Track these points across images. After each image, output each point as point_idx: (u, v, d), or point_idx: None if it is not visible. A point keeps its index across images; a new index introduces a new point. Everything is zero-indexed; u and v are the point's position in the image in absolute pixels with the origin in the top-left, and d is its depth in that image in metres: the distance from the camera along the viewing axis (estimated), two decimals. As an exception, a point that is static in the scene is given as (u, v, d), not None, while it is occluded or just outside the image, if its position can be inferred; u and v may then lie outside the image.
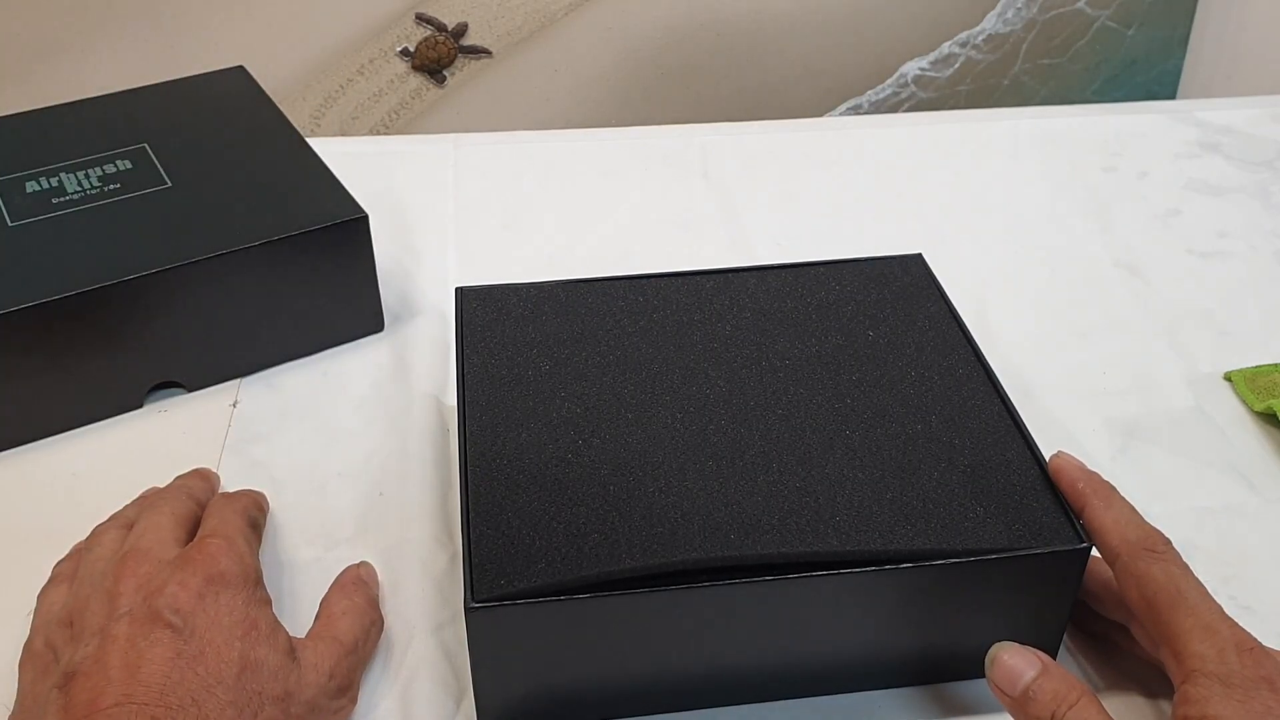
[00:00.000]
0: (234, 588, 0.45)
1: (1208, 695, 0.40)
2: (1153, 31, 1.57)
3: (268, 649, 0.44)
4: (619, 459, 0.49)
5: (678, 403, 0.52)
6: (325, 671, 0.45)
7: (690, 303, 0.58)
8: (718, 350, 0.55)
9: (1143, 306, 0.71)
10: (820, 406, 0.52)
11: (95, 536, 0.51)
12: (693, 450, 0.49)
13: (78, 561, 0.50)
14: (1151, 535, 0.46)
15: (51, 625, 0.46)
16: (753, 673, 0.47)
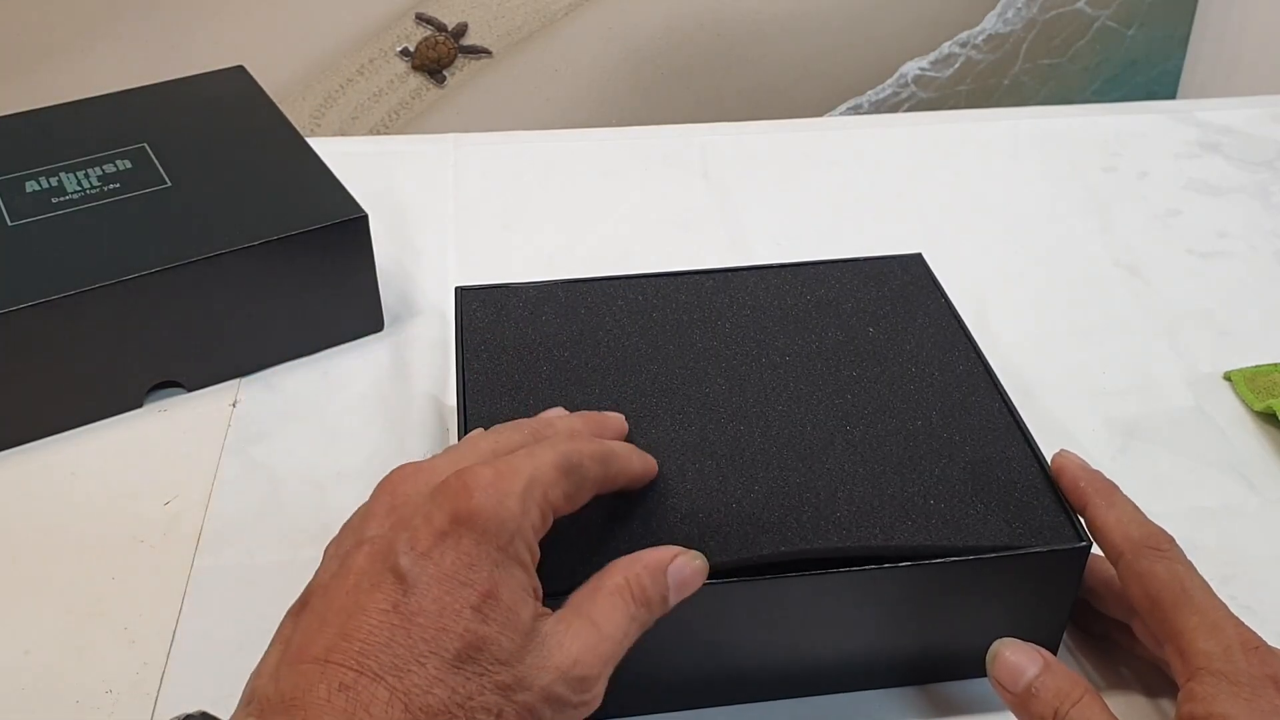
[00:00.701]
0: (483, 536, 0.36)
1: (1213, 693, 0.40)
2: (1153, 31, 1.57)
3: (501, 626, 0.36)
4: (619, 458, 0.49)
5: (677, 402, 0.52)
6: (570, 656, 0.37)
7: (690, 302, 0.58)
8: (717, 349, 0.55)
9: (1143, 306, 0.71)
10: (820, 405, 0.52)
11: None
12: (692, 449, 0.49)
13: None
14: (1155, 534, 0.46)
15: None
16: (753, 672, 0.47)
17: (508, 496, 0.37)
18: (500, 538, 0.36)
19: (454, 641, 0.35)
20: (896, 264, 0.61)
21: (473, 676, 0.35)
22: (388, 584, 0.35)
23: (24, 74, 1.41)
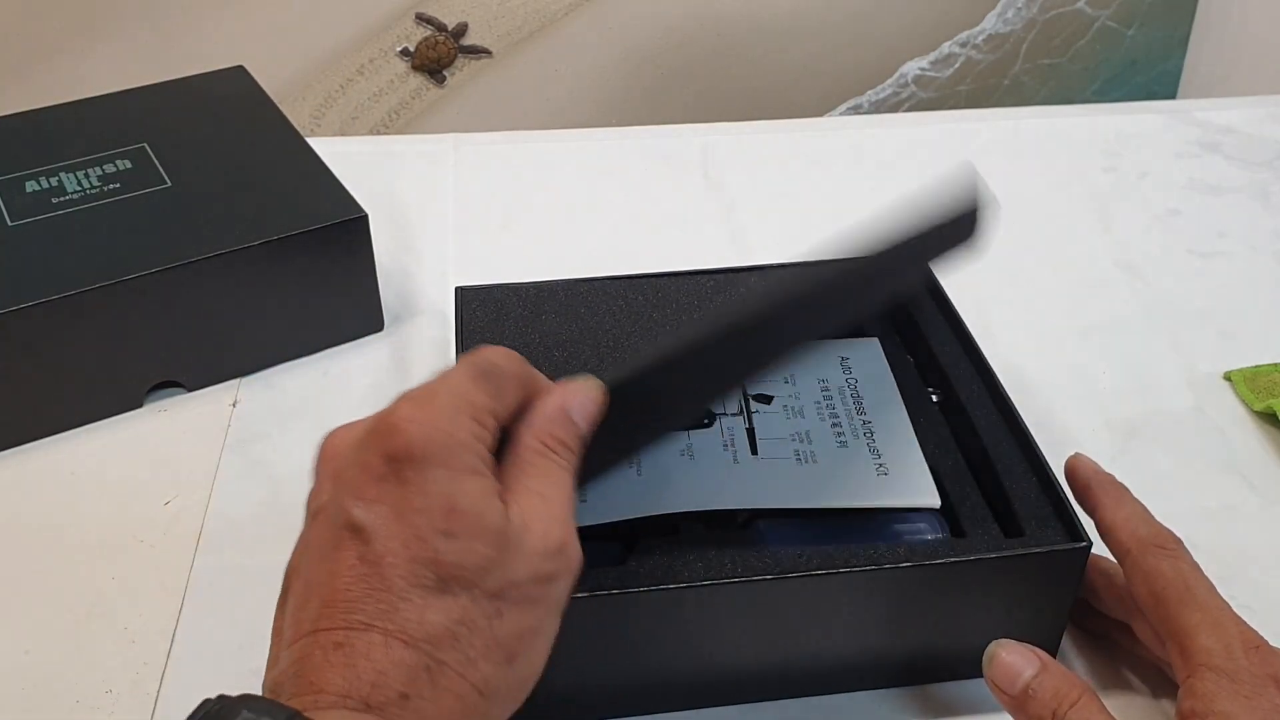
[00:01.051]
0: (422, 462, 0.35)
1: (1214, 691, 0.40)
2: (1153, 31, 1.57)
3: (470, 538, 0.35)
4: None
5: None
6: (539, 534, 0.37)
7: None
8: None
9: (1143, 306, 0.71)
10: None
11: None
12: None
13: None
14: (1162, 533, 0.46)
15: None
16: (752, 672, 0.47)
17: (431, 417, 0.36)
18: (440, 457, 0.36)
19: (430, 569, 0.34)
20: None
21: (461, 593, 0.34)
22: (347, 541, 0.35)
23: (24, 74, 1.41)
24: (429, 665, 0.33)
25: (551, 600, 0.37)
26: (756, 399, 0.52)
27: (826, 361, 0.54)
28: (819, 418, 0.51)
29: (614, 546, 0.47)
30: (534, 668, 0.37)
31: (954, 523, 0.48)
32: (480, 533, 0.35)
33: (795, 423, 0.50)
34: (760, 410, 0.51)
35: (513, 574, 0.35)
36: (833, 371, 0.53)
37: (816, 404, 0.51)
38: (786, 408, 0.51)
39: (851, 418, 0.51)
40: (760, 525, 0.48)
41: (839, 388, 0.52)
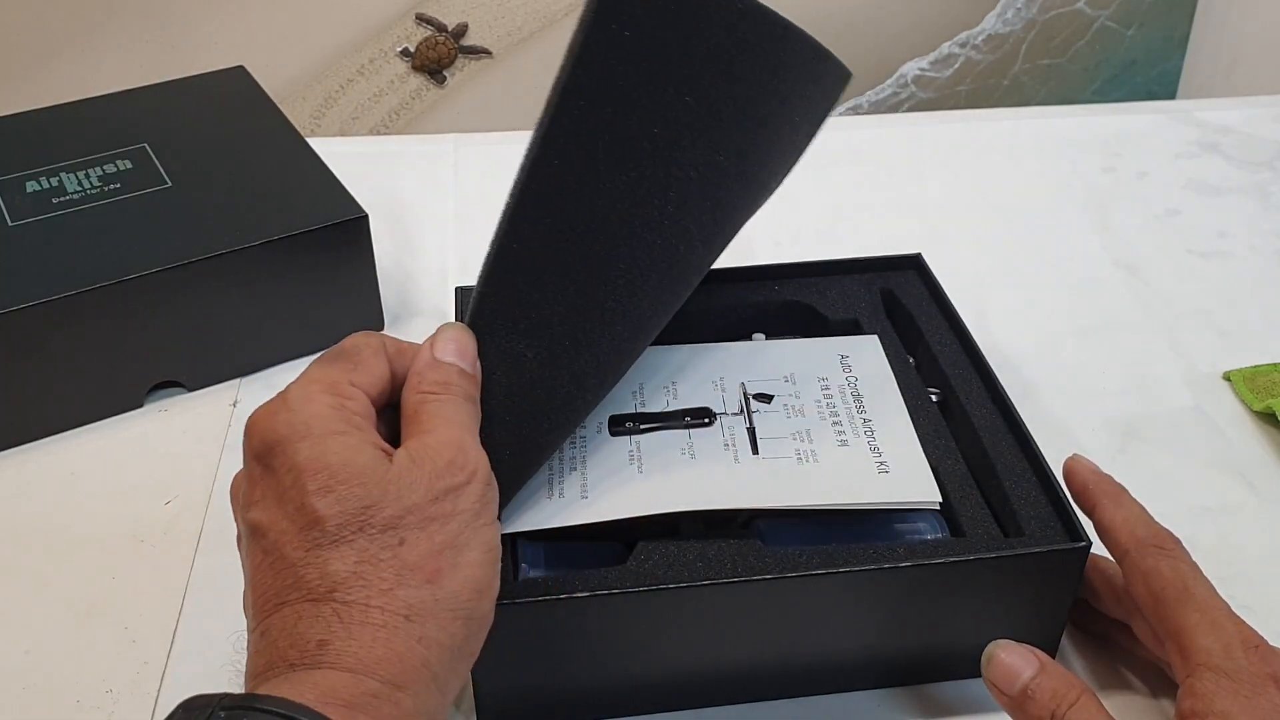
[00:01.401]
0: (283, 446, 0.37)
1: (1214, 690, 0.40)
2: (1152, 32, 1.57)
3: (346, 487, 0.36)
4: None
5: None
6: (428, 456, 0.38)
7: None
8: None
9: (1143, 306, 0.71)
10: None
11: None
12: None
13: None
14: (1161, 534, 0.46)
15: None
16: (752, 671, 0.47)
17: (280, 407, 0.39)
18: (299, 433, 0.37)
19: (318, 528, 0.36)
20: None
21: (355, 536, 0.36)
22: (253, 544, 0.37)
23: (24, 74, 1.41)
24: (336, 609, 0.35)
25: (461, 512, 0.38)
26: (757, 398, 0.52)
27: (826, 360, 0.54)
28: (819, 416, 0.51)
29: (614, 546, 0.47)
30: (470, 580, 0.37)
31: (953, 522, 0.48)
32: (354, 477, 0.36)
33: (795, 421, 0.50)
34: (760, 410, 0.51)
35: (405, 502, 0.37)
36: (833, 370, 0.53)
37: (817, 403, 0.51)
38: (787, 406, 0.51)
39: (852, 416, 0.51)
40: (760, 525, 0.48)
41: (839, 386, 0.52)
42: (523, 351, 0.44)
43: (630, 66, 0.42)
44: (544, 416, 0.44)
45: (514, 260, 0.44)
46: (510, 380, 0.44)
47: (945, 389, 0.54)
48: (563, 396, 0.45)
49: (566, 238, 0.44)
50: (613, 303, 0.45)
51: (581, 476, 0.48)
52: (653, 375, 0.53)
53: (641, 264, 0.45)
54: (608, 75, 0.42)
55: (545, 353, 0.44)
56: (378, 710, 0.33)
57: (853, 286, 0.60)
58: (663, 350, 0.55)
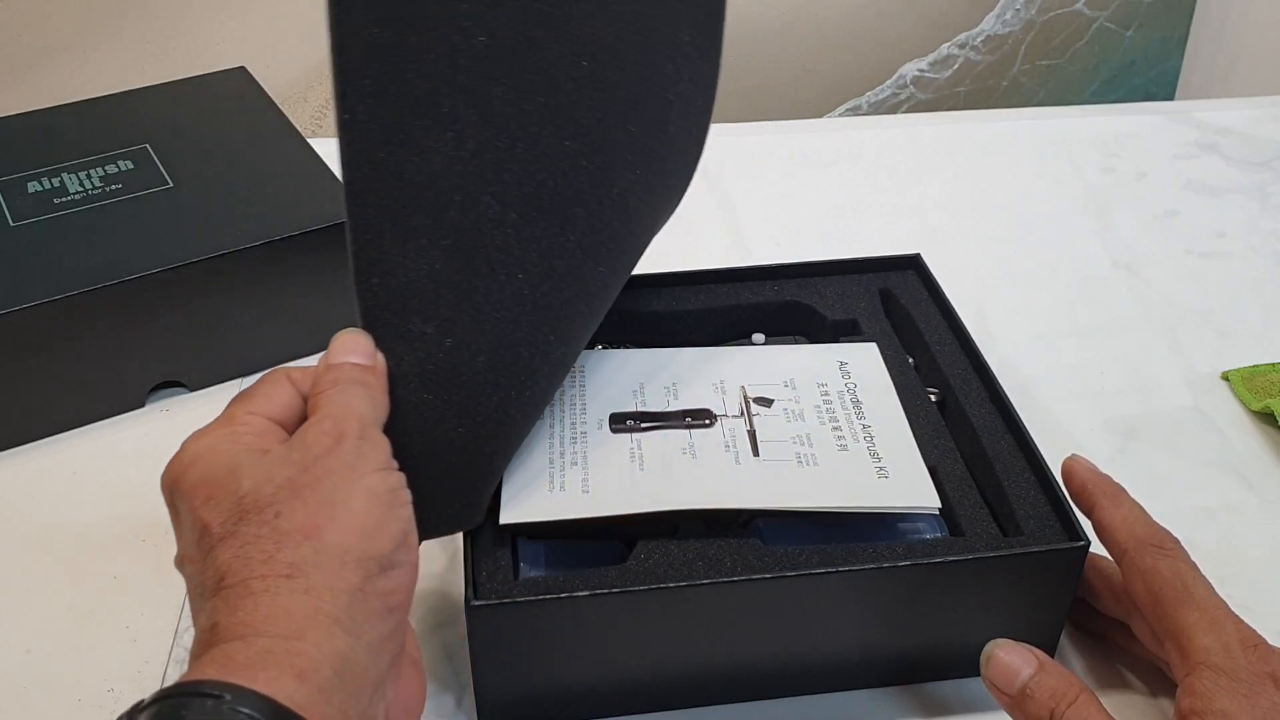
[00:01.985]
0: (182, 478, 0.40)
1: (1213, 689, 0.41)
2: (1151, 32, 1.57)
3: (224, 490, 0.38)
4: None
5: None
6: (310, 434, 0.40)
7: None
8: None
9: (1142, 306, 0.71)
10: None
11: None
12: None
13: None
14: (1160, 533, 0.46)
15: None
16: (752, 670, 0.47)
17: (178, 452, 0.41)
18: (186, 465, 0.39)
19: (206, 534, 0.38)
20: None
21: (236, 526, 0.37)
22: (185, 580, 0.39)
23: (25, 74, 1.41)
24: (224, 594, 0.36)
25: (333, 470, 0.38)
26: (757, 401, 0.52)
27: (825, 366, 0.54)
28: (819, 421, 0.51)
29: (614, 546, 0.47)
30: (354, 526, 0.37)
31: (952, 522, 0.48)
32: (228, 478, 0.38)
33: (795, 426, 0.50)
34: (761, 413, 0.51)
35: (277, 480, 0.38)
36: (832, 376, 0.53)
37: (816, 408, 0.51)
38: (787, 411, 0.51)
39: (851, 422, 0.51)
40: (760, 525, 0.48)
41: (839, 392, 0.52)
42: (421, 330, 0.43)
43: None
44: (475, 384, 0.43)
45: (372, 246, 0.42)
46: (422, 358, 0.43)
47: (944, 389, 0.54)
48: (485, 362, 0.43)
49: (408, 203, 0.42)
50: (498, 253, 0.43)
51: (582, 472, 0.48)
52: (654, 376, 0.53)
53: (511, 199, 0.43)
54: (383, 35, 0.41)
55: (444, 323, 0.43)
56: (276, 662, 0.34)
57: (852, 286, 0.60)
58: (664, 352, 0.55)
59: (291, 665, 0.34)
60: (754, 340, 0.59)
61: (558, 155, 0.44)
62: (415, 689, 0.41)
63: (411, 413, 0.43)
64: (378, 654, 0.37)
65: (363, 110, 0.42)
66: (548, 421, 0.51)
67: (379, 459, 0.40)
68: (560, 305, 0.45)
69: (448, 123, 0.42)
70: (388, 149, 0.42)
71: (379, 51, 0.41)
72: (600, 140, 0.45)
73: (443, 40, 0.42)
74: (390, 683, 0.38)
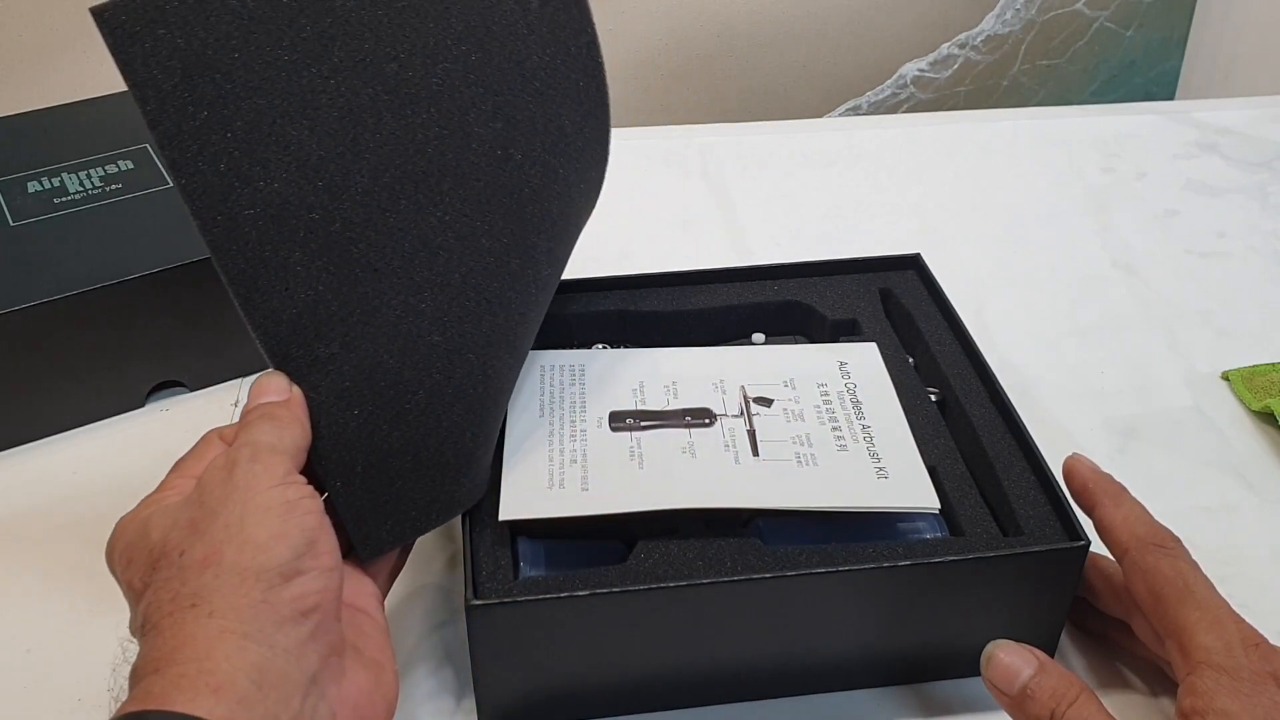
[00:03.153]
0: (110, 556, 0.42)
1: (1214, 688, 0.41)
2: (1151, 33, 1.57)
3: (135, 556, 0.41)
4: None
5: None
6: (194, 494, 0.41)
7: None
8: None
9: (1142, 306, 0.71)
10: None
11: None
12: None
13: None
14: (1161, 532, 0.46)
15: None
16: (752, 670, 0.47)
17: (118, 523, 0.42)
18: (116, 537, 0.42)
19: (130, 592, 0.40)
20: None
21: (151, 577, 0.39)
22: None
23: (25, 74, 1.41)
24: (143, 639, 0.38)
25: (224, 500, 0.40)
26: (757, 401, 0.52)
27: (825, 366, 0.54)
28: (819, 421, 0.51)
29: (614, 546, 0.47)
30: (251, 541, 0.39)
31: (952, 522, 0.48)
32: (142, 539, 0.41)
33: (795, 426, 0.50)
34: (760, 413, 0.51)
35: (180, 526, 0.40)
36: (832, 376, 0.53)
37: (816, 408, 0.52)
38: (786, 411, 0.51)
39: (851, 422, 0.51)
40: (760, 525, 0.48)
41: (838, 392, 0.52)
42: (327, 352, 0.43)
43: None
44: (394, 385, 0.43)
45: (253, 292, 0.42)
46: (336, 378, 0.43)
47: (944, 389, 0.54)
48: (396, 362, 0.43)
49: (271, 239, 0.42)
50: (375, 252, 0.42)
51: (582, 470, 0.48)
52: (654, 376, 0.53)
53: (372, 195, 0.42)
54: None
55: (346, 339, 0.43)
56: (190, 684, 0.35)
57: (851, 286, 0.60)
58: (664, 352, 0.55)
59: (205, 684, 0.35)
60: (754, 340, 0.59)
61: (405, 136, 0.43)
62: (368, 687, 0.41)
63: (345, 431, 0.43)
64: (299, 658, 0.38)
65: (195, 169, 0.41)
66: (547, 419, 0.51)
67: (273, 477, 0.41)
68: (461, 280, 0.45)
69: (280, 148, 0.42)
70: (232, 197, 0.42)
71: (190, 108, 0.41)
72: (450, 108, 0.44)
73: (248, 72, 0.41)
74: (330, 682, 0.39)
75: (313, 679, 0.38)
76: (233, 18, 0.41)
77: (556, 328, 0.58)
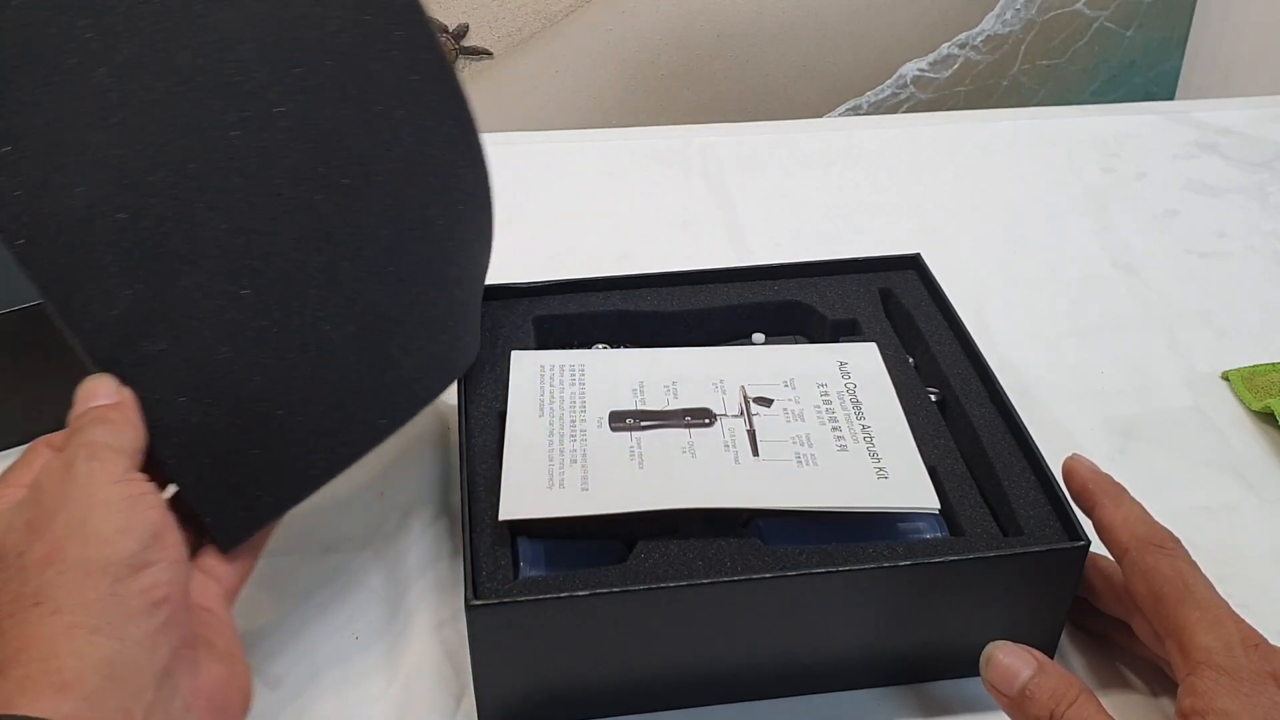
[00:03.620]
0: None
1: (1214, 688, 0.41)
2: (1151, 32, 1.57)
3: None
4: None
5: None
6: (32, 496, 0.40)
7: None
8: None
9: (1142, 306, 0.71)
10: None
11: None
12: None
13: None
14: (1160, 533, 0.46)
15: None
16: (752, 670, 0.47)
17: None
18: None
19: None
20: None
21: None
22: None
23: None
24: None
25: (64, 500, 0.39)
26: (757, 401, 0.52)
27: (825, 366, 0.54)
28: (819, 421, 0.51)
29: (614, 546, 0.47)
30: (96, 534, 0.38)
31: (953, 522, 0.48)
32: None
33: (795, 426, 0.50)
34: (760, 413, 0.51)
35: (11, 533, 0.39)
36: (831, 376, 0.53)
37: (816, 408, 0.51)
38: (786, 411, 0.51)
39: (851, 422, 0.51)
40: (760, 525, 0.48)
41: (838, 392, 0.52)
42: (153, 349, 0.42)
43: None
44: (225, 374, 0.43)
45: (70, 300, 0.41)
46: (167, 373, 0.42)
47: (944, 389, 0.54)
48: (228, 351, 0.43)
49: (82, 247, 0.41)
50: (186, 242, 0.42)
51: (582, 470, 0.48)
52: (654, 375, 0.53)
53: (176, 188, 0.42)
54: None
55: (172, 333, 0.42)
56: (34, 685, 0.35)
57: (852, 286, 0.60)
58: (664, 352, 0.55)
59: (50, 683, 0.35)
60: (754, 340, 0.59)
61: (206, 125, 0.43)
62: (222, 679, 0.41)
63: (185, 425, 0.42)
64: (151, 649, 0.38)
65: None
66: (547, 419, 0.51)
67: (112, 474, 0.40)
68: (282, 262, 0.44)
69: (78, 153, 0.41)
70: (34, 208, 0.40)
71: None
72: (249, 89, 0.43)
73: (32, 83, 0.41)
74: (183, 675, 0.39)
75: (165, 671, 0.38)
76: (10, 30, 0.40)
77: (557, 328, 0.58)
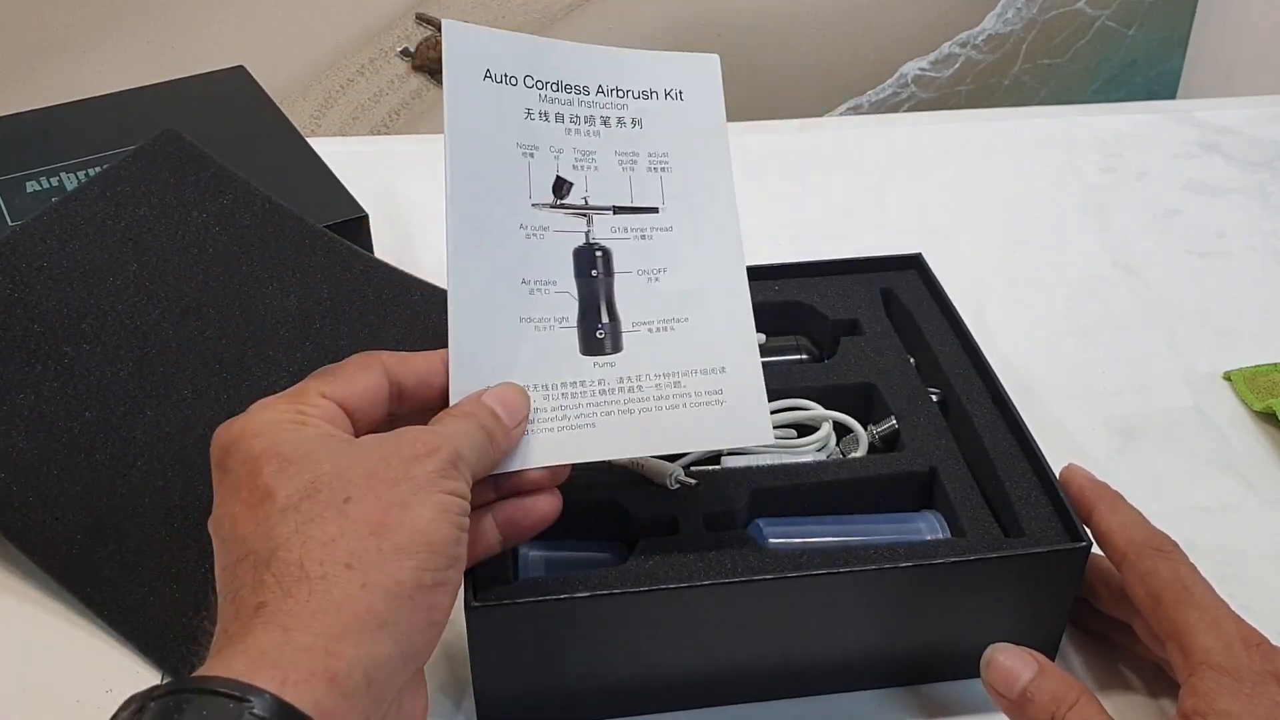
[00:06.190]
0: (234, 447, 0.39)
1: (1215, 689, 0.40)
2: (1152, 32, 1.57)
3: (287, 468, 0.38)
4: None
5: None
6: (390, 444, 0.39)
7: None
8: None
9: (1142, 306, 0.71)
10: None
11: None
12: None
13: None
14: (1158, 536, 0.46)
15: None
16: (752, 671, 0.47)
17: (240, 417, 0.40)
18: (251, 433, 0.39)
19: (267, 501, 0.37)
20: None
21: (302, 501, 0.37)
22: (215, 543, 0.39)
23: (24, 74, 1.41)
24: (276, 571, 0.35)
25: (413, 477, 0.38)
26: None
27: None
28: None
29: (615, 546, 0.47)
30: (419, 533, 0.37)
31: (954, 522, 0.48)
32: (306, 457, 0.38)
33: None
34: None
35: (358, 469, 0.38)
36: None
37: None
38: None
39: None
40: (760, 525, 0.48)
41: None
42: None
43: None
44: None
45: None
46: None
47: (946, 389, 0.54)
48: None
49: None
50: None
51: None
52: None
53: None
54: None
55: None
56: (310, 664, 0.33)
57: (852, 286, 0.60)
58: None
59: (326, 668, 0.33)
60: (754, 340, 0.59)
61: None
62: (422, 704, 0.40)
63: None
64: (406, 664, 0.37)
65: None
66: None
67: (457, 487, 0.39)
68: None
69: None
70: None
71: None
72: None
73: None
74: (408, 696, 0.38)
75: (400, 692, 0.37)
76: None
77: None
